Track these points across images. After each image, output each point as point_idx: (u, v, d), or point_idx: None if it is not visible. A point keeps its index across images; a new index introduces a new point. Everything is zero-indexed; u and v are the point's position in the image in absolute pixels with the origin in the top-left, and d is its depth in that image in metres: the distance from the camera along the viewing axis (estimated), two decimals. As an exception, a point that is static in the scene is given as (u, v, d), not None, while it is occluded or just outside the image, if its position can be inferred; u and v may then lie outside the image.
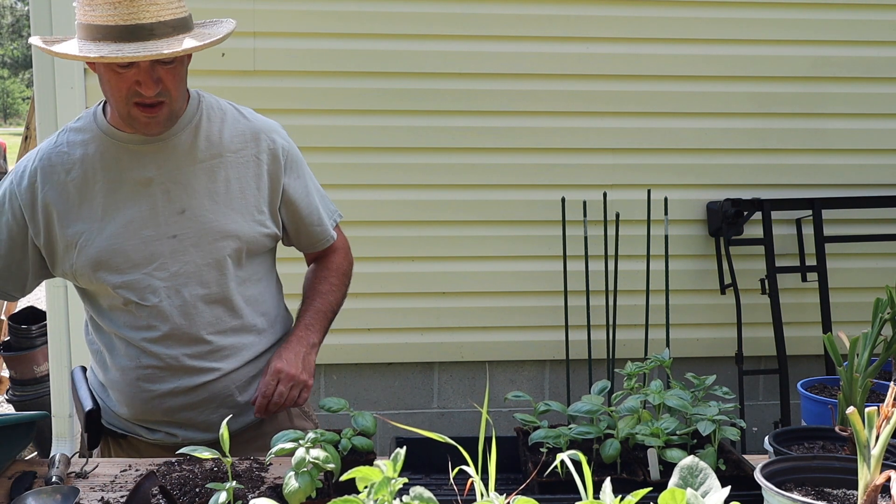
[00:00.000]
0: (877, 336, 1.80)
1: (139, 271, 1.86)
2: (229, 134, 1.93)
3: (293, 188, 1.98)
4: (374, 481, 1.01)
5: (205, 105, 1.94)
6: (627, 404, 1.74)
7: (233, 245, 1.90)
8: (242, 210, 1.91)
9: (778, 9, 3.53)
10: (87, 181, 1.86)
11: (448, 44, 3.42)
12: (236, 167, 1.91)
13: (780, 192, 3.60)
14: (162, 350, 1.90)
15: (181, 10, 1.75)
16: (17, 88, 40.52)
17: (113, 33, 1.69)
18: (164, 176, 1.86)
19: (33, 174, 1.88)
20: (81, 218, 1.86)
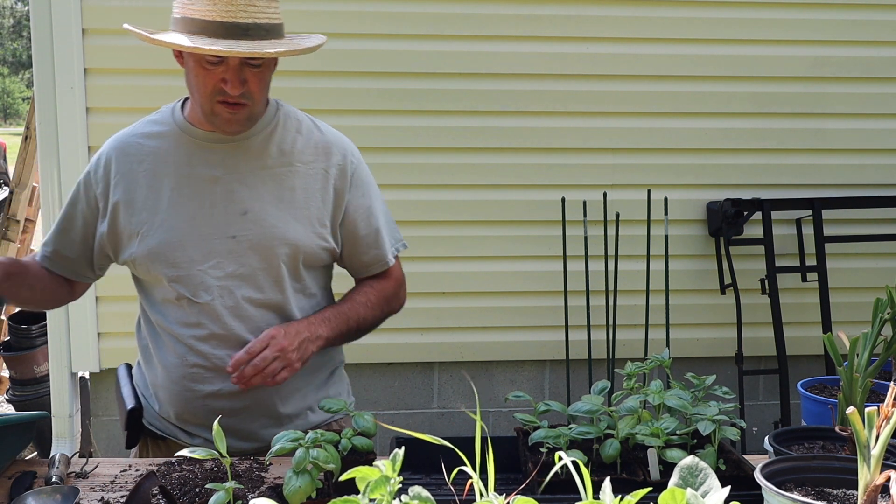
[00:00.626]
0: (877, 336, 1.80)
1: (195, 267, 1.88)
2: (302, 145, 1.94)
3: (355, 206, 1.97)
4: (371, 480, 1.01)
5: (282, 114, 1.96)
6: (627, 404, 1.74)
7: (290, 253, 1.90)
8: (304, 220, 1.91)
9: (778, 9, 3.53)
10: (157, 173, 1.90)
11: (448, 44, 3.42)
12: (304, 178, 1.92)
13: (780, 192, 3.60)
14: (209, 350, 1.90)
15: (276, 16, 1.79)
16: (17, 88, 40.52)
17: (209, 28, 1.73)
18: (230, 176, 1.89)
19: (108, 162, 1.93)
20: (146, 208, 1.89)
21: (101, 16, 3.27)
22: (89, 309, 3.35)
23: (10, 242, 4.33)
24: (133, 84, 3.33)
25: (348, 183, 1.96)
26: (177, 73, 3.70)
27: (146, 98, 3.33)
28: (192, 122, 1.92)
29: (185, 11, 1.76)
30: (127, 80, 3.33)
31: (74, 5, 3.22)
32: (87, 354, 3.38)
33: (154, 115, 1.99)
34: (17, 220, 4.33)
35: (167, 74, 3.34)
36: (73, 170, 3.27)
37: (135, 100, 3.34)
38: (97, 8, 3.26)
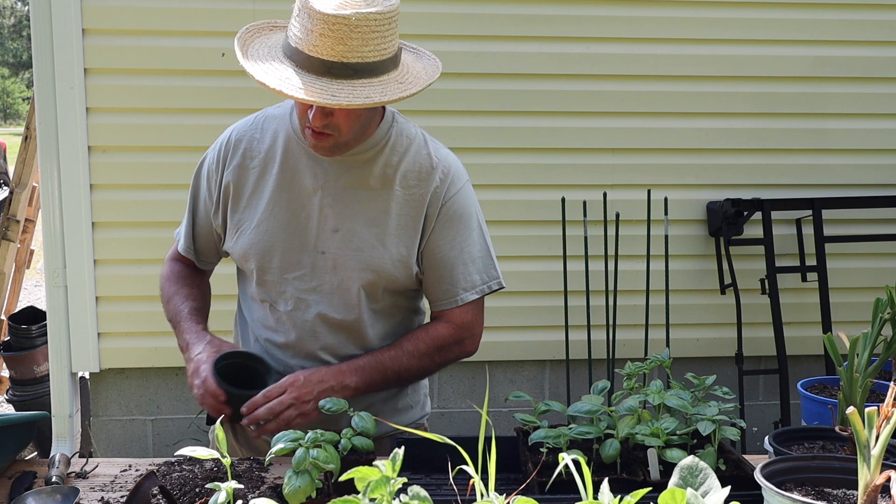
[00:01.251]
0: (877, 336, 1.80)
1: (280, 275, 1.89)
2: (406, 167, 1.87)
3: (438, 235, 1.88)
4: (371, 480, 1.01)
5: (395, 132, 1.89)
6: (627, 404, 1.74)
7: (371, 278, 1.86)
8: (393, 246, 1.86)
9: (778, 9, 3.53)
10: (264, 173, 1.89)
11: (448, 44, 3.42)
12: (401, 203, 1.86)
13: (780, 192, 3.60)
14: (281, 356, 1.94)
15: (375, 54, 1.66)
16: (17, 88, 40.51)
17: (298, 58, 1.67)
18: (330, 190, 1.85)
19: (226, 153, 1.93)
20: (249, 206, 1.89)
21: (101, 16, 3.27)
22: (89, 309, 3.36)
23: (10, 242, 4.33)
24: (133, 84, 3.33)
25: (437, 210, 1.87)
26: (177, 74, 3.71)
27: (146, 98, 3.34)
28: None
29: (289, 32, 1.70)
30: (127, 80, 3.33)
31: (74, 5, 3.22)
32: (87, 354, 3.38)
33: (276, 108, 1.96)
34: (17, 220, 4.32)
35: (167, 74, 3.35)
36: (73, 170, 3.28)
37: (135, 100, 3.34)
38: (97, 8, 3.26)
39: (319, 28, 1.62)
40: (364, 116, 1.78)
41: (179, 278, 2.04)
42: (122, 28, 3.31)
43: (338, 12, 1.61)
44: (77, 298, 3.34)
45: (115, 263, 3.39)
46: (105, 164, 3.34)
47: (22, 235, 4.45)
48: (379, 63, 1.68)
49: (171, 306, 2.00)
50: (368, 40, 1.64)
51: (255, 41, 1.79)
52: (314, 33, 1.63)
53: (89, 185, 3.32)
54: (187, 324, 1.93)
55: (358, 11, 1.62)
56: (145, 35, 3.31)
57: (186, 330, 1.91)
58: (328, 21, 1.61)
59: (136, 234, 3.39)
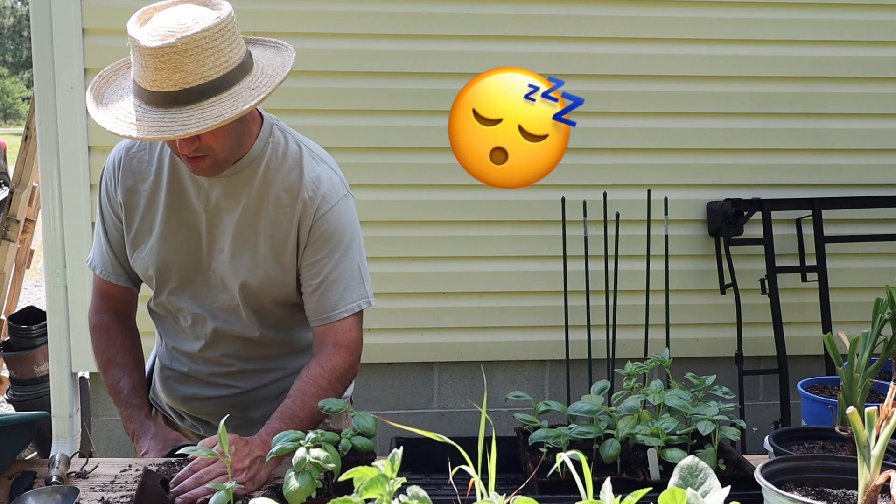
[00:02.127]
0: (877, 336, 1.80)
1: (176, 294, 1.93)
2: (278, 188, 1.84)
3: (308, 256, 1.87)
4: (365, 479, 1.01)
5: (270, 148, 1.85)
6: (627, 404, 1.74)
7: (251, 296, 1.89)
8: (269, 266, 1.86)
9: (778, 9, 3.53)
10: (154, 195, 1.89)
11: (448, 44, 3.42)
12: (274, 223, 1.84)
13: (780, 192, 3.60)
14: (188, 362, 1.99)
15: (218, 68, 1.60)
16: (17, 88, 40.48)
17: (143, 95, 1.63)
18: (213, 211, 1.86)
19: (116, 173, 1.91)
20: (142, 228, 1.90)
21: (101, 16, 3.27)
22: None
23: (10, 242, 4.33)
24: (133, 84, 3.33)
25: (308, 230, 1.85)
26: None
27: (146, 98, 3.34)
28: None
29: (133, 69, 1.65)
30: (127, 80, 3.33)
31: (74, 5, 3.22)
32: (87, 354, 3.37)
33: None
34: (17, 220, 4.32)
35: (167, 74, 3.34)
36: (73, 170, 3.27)
37: (135, 100, 3.33)
38: (97, 8, 3.26)
39: (152, 63, 1.57)
40: (234, 129, 1.73)
41: (110, 339, 2.00)
42: (122, 28, 3.27)
43: (164, 43, 1.55)
44: (77, 298, 3.33)
45: (115, 263, 3.39)
46: (105, 164, 3.34)
47: (22, 235, 4.45)
48: (224, 77, 1.62)
49: (108, 377, 1.99)
50: (205, 59, 1.58)
51: (112, 84, 1.76)
52: (148, 69, 1.58)
53: (89, 185, 3.32)
54: (130, 410, 1.94)
55: (183, 36, 1.56)
56: (145, 35, 3.31)
57: (130, 418, 1.93)
58: (156, 55, 1.56)
59: (136, 234, 3.39)
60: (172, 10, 1.64)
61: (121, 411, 1.98)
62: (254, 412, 2.01)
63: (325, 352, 1.88)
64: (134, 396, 1.96)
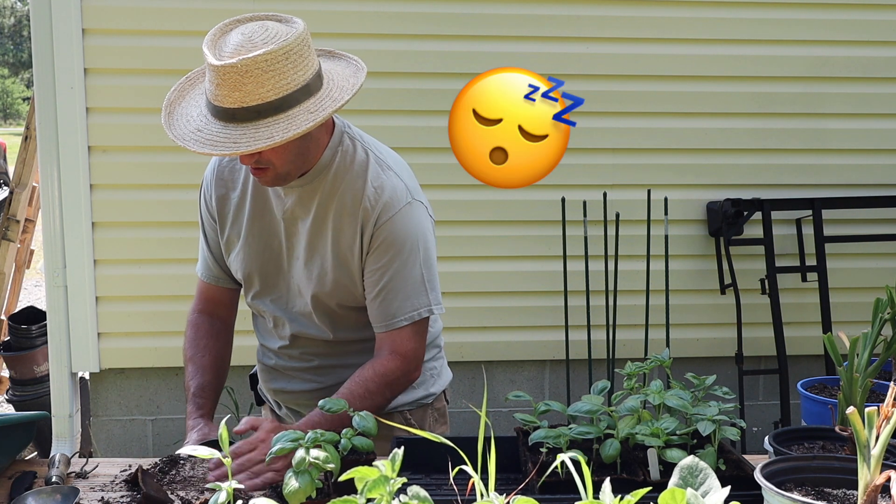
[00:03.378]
0: (877, 336, 1.81)
1: (259, 298, 2.02)
2: (342, 196, 1.87)
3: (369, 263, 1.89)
4: (369, 479, 1.01)
5: (339, 157, 1.88)
6: (627, 404, 1.74)
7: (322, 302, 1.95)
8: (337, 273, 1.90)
9: (778, 9, 3.53)
10: (242, 202, 1.97)
11: (448, 44, 3.42)
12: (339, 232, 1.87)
13: (780, 192, 3.60)
14: (274, 357, 2.09)
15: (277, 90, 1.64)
16: (17, 88, 40.49)
17: (209, 106, 1.71)
18: (289, 219, 1.92)
19: (210, 180, 2.00)
20: (232, 234, 1.99)
21: (101, 16, 3.27)
22: (89, 309, 3.35)
23: (10, 242, 4.33)
24: (133, 84, 3.33)
25: (372, 236, 1.87)
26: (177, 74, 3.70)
27: (146, 98, 3.34)
28: None
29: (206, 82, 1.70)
30: (127, 80, 3.33)
31: (74, 5, 3.22)
32: (87, 354, 3.38)
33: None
34: (17, 220, 4.32)
35: (167, 75, 3.34)
36: (73, 170, 3.28)
37: (135, 100, 3.34)
38: (97, 8, 3.26)
39: (216, 79, 1.64)
40: (295, 146, 1.76)
41: (196, 338, 2.08)
42: (122, 28, 3.31)
43: (225, 62, 1.62)
44: (77, 298, 3.34)
45: (115, 263, 3.39)
46: (105, 164, 3.34)
47: (22, 235, 4.45)
48: (282, 99, 1.65)
49: (186, 372, 2.07)
50: (264, 81, 1.62)
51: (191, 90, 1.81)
52: (213, 84, 1.65)
53: (89, 185, 3.32)
54: (191, 406, 1.99)
55: (244, 57, 1.61)
56: (145, 35, 3.31)
57: (189, 414, 1.97)
58: (219, 72, 1.63)
59: (136, 234, 3.39)
60: (248, 26, 1.70)
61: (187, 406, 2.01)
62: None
63: (381, 357, 1.91)
64: (198, 395, 1.99)
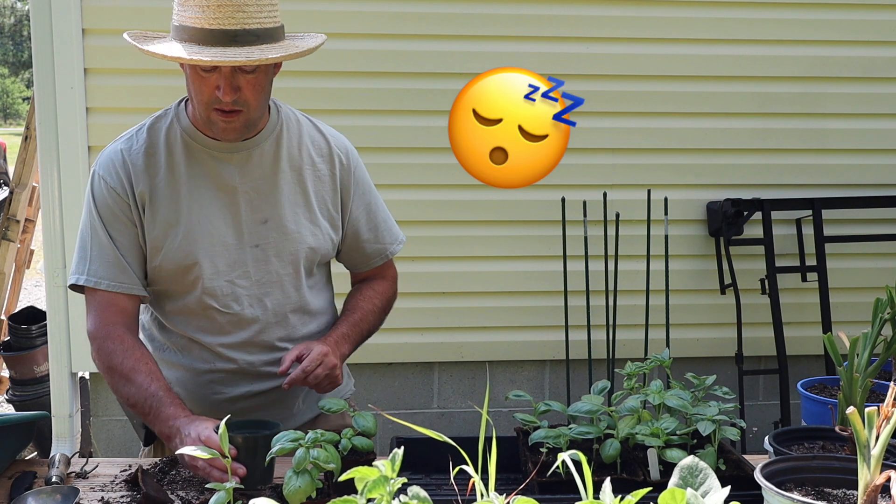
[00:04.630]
0: (877, 336, 1.81)
1: (222, 279, 1.89)
2: (308, 146, 1.97)
3: (358, 202, 2.03)
4: (369, 479, 1.01)
5: (283, 116, 1.97)
6: (627, 404, 1.75)
7: (309, 255, 1.95)
8: (318, 221, 1.95)
9: (778, 9, 3.53)
10: (174, 184, 1.87)
11: (448, 44, 3.42)
12: (315, 180, 1.96)
13: (780, 192, 3.60)
14: (239, 356, 1.94)
15: (269, 20, 1.77)
16: (17, 88, 40.47)
17: (198, 36, 1.72)
18: (247, 185, 1.90)
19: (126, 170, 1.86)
20: (169, 221, 1.86)
21: (101, 16, 3.27)
22: (89, 309, 3.35)
23: (10, 242, 4.33)
24: (133, 84, 3.33)
25: (352, 180, 2.01)
26: (176, 74, 3.70)
27: (146, 98, 3.34)
28: (201, 130, 1.89)
29: (180, 18, 1.76)
30: (127, 80, 3.33)
31: (74, 5, 3.22)
32: (87, 354, 3.36)
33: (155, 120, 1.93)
34: (17, 220, 4.32)
35: (167, 74, 3.34)
36: (73, 170, 3.27)
37: (135, 100, 3.34)
38: (97, 8, 3.26)
39: (215, 2, 1.71)
40: (265, 90, 1.84)
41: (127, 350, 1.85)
42: (122, 28, 3.27)
43: None
44: (77, 298, 3.31)
45: (115, 263, 3.39)
46: (105, 164, 3.34)
47: (22, 235, 4.45)
48: (274, 30, 1.78)
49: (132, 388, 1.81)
50: (262, 6, 1.75)
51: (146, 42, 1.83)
52: (211, 7, 1.71)
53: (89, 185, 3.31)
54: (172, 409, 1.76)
55: None
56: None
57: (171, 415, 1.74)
58: None
59: (136, 234, 3.38)
60: None
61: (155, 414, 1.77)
62: (298, 401, 2.02)
63: (376, 281, 2.10)
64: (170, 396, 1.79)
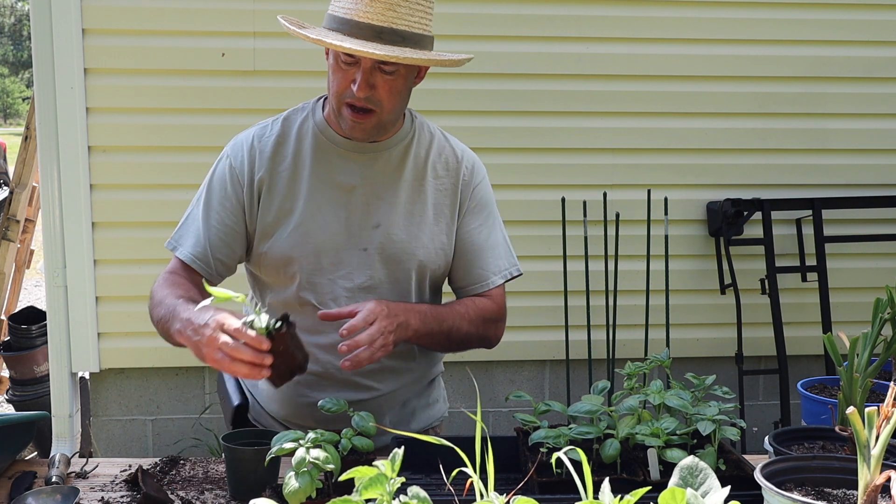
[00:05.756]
0: (877, 336, 1.80)
1: (325, 276, 1.88)
2: (435, 158, 1.95)
3: (469, 220, 1.96)
4: (364, 478, 1.01)
5: (417, 125, 1.97)
6: (627, 404, 1.74)
7: (418, 269, 1.91)
8: (433, 236, 1.92)
9: (778, 9, 3.53)
10: (296, 175, 1.88)
11: (448, 44, 3.41)
12: (437, 193, 1.93)
13: (780, 192, 3.60)
14: (328, 358, 1.88)
15: (420, 25, 1.77)
16: (17, 88, 40.49)
17: (346, 27, 1.75)
18: (367, 187, 1.89)
19: (252, 153, 1.89)
20: (284, 210, 1.87)
21: (101, 16, 3.27)
22: (89, 309, 3.35)
23: (10, 242, 4.33)
24: (133, 84, 3.33)
25: (468, 198, 1.97)
26: (177, 74, 3.71)
27: (146, 98, 3.34)
28: (332, 127, 1.90)
29: (334, 9, 1.80)
30: (127, 80, 3.33)
31: (74, 5, 3.22)
32: (87, 354, 3.38)
33: (294, 111, 1.96)
34: (17, 220, 4.32)
35: (167, 74, 3.35)
36: (73, 170, 3.27)
37: (135, 100, 3.34)
38: (97, 8, 3.26)
39: None
40: (402, 95, 1.83)
41: (174, 284, 1.82)
42: (122, 28, 3.31)
43: None
44: (77, 298, 3.34)
45: (115, 263, 3.39)
46: (105, 164, 3.34)
47: (22, 235, 4.45)
48: (421, 36, 1.77)
49: (161, 308, 1.77)
50: (415, 10, 1.76)
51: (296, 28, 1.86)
52: (364, 1, 1.73)
53: (89, 185, 3.32)
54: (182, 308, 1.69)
55: None
56: (145, 35, 3.31)
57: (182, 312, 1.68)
58: None
59: (136, 234, 3.38)
60: None
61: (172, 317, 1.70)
62: (385, 419, 1.94)
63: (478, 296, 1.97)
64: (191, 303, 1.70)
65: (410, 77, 1.83)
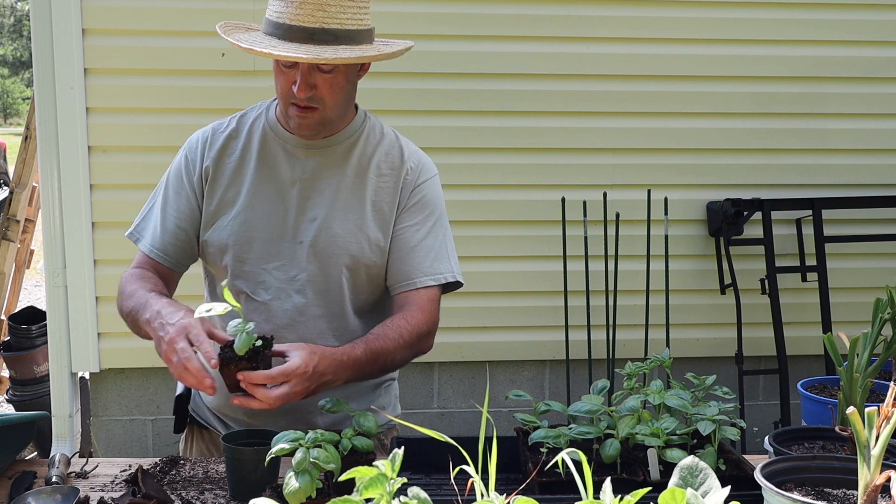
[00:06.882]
0: (877, 336, 1.81)
1: (258, 265, 1.92)
2: (380, 159, 1.97)
3: (403, 220, 1.96)
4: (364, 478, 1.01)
5: (368, 126, 2.00)
6: (627, 404, 1.74)
7: (351, 265, 1.92)
8: (371, 231, 1.93)
9: (778, 9, 3.53)
10: (241, 167, 1.94)
11: (448, 44, 3.42)
12: (377, 190, 1.95)
13: (780, 192, 3.60)
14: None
15: (354, 21, 1.78)
16: (17, 88, 40.46)
17: (280, 31, 1.77)
18: (308, 181, 1.93)
19: (205, 144, 1.97)
20: (225, 200, 1.94)
21: (101, 16, 3.27)
22: (89, 309, 3.36)
23: (10, 242, 4.33)
24: (133, 84, 3.33)
25: (409, 195, 1.97)
26: (177, 74, 3.72)
27: (146, 98, 3.34)
28: (281, 124, 1.96)
29: (269, 13, 1.82)
30: (127, 80, 3.33)
31: (74, 5, 3.22)
32: (87, 354, 3.38)
33: (250, 109, 2.02)
34: (17, 220, 4.32)
35: (167, 75, 3.35)
36: (73, 170, 3.27)
37: (135, 100, 3.34)
38: (97, 8, 3.26)
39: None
40: (345, 91, 1.86)
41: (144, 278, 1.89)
42: (122, 28, 3.31)
43: None
44: (77, 298, 3.34)
45: (115, 263, 3.39)
46: (105, 164, 3.34)
47: (22, 235, 4.45)
48: (357, 32, 1.79)
49: (132, 300, 1.82)
50: (346, 8, 1.77)
51: (234, 32, 1.89)
52: (294, 4, 1.75)
53: (89, 185, 3.32)
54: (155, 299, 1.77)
55: None
56: (145, 35, 3.31)
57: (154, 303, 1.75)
58: None
59: (136, 234, 3.38)
60: None
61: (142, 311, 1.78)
62: (319, 418, 1.94)
63: (409, 310, 1.91)
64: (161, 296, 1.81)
65: (352, 72, 1.87)
